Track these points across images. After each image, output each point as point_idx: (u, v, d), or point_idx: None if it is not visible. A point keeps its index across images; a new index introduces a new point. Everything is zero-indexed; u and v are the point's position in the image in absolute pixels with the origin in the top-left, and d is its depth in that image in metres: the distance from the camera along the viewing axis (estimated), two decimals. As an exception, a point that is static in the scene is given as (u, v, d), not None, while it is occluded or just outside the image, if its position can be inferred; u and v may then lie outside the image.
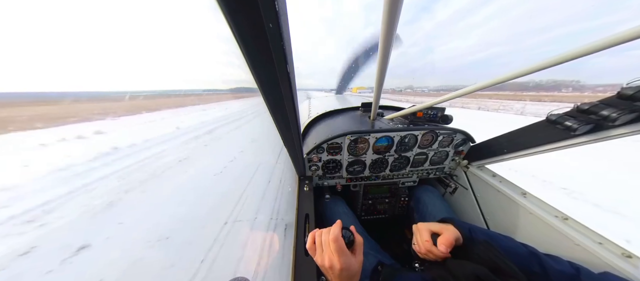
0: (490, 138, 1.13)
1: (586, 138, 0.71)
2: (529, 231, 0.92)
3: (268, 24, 0.27)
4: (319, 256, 0.55)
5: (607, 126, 0.64)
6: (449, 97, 1.01)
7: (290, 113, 0.52)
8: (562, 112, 0.75)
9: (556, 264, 0.53)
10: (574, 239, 0.74)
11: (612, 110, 0.60)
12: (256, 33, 0.28)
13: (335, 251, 0.51)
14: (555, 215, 0.84)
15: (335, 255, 0.51)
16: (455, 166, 1.40)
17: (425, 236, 0.62)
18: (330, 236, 0.53)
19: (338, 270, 0.50)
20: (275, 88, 0.41)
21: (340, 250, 0.52)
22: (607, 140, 0.67)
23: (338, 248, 0.52)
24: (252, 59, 0.33)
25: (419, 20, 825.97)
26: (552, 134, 0.80)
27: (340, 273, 0.50)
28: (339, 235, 0.54)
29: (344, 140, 1.16)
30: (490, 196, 1.14)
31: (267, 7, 0.25)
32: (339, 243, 0.52)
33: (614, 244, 0.69)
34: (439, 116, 1.34)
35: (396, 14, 0.46)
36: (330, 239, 0.53)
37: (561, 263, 0.54)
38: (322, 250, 0.54)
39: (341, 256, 0.51)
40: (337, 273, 0.51)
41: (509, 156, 1.03)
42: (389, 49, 0.59)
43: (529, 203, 0.93)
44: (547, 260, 0.53)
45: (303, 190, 1.10)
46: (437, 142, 1.25)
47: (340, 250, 0.52)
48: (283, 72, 0.36)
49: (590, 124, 0.67)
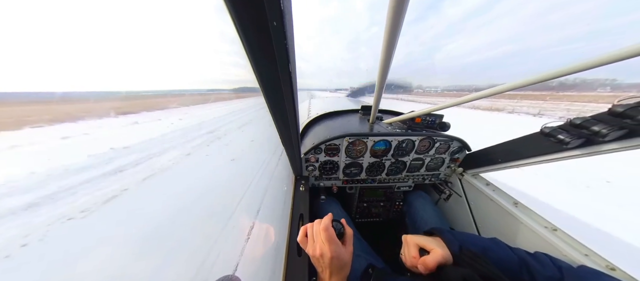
0: (486, 147, 1.15)
1: (577, 152, 0.72)
2: (518, 240, 0.94)
3: (272, 22, 0.27)
4: (310, 247, 0.56)
5: (598, 141, 0.65)
6: (449, 104, 1.02)
7: (290, 112, 0.52)
8: (555, 124, 0.77)
9: (543, 269, 0.53)
10: (562, 250, 0.75)
11: (603, 125, 0.61)
12: (260, 31, 0.28)
13: (325, 240, 0.53)
14: (545, 226, 0.86)
15: (326, 243, 0.52)
16: (450, 173, 1.41)
17: (413, 252, 0.59)
18: (321, 226, 0.55)
19: (329, 258, 0.51)
20: (276, 86, 0.41)
21: (330, 239, 0.53)
22: (597, 154, 0.69)
23: (328, 236, 0.53)
24: (255, 57, 0.33)
25: (426, 18, 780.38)
26: (545, 146, 0.82)
27: (331, 261, 0.52)
28: (329, 224, 0.56)
29: (342, 141, 1.17)
30: (483, 204, 1.15)
31: (272, 6, 0.25)
32: (329, 232, 0.54)
33: (600, 256, 0.71)
34: (437, 123, 1.35)
35: (401, 15, 0.45)
36: (321, 228, 0.54)
37: (547, 267, 0.54)
38: (314, 241, 0.56)
39: (331, 245, 0.52)
40: (328, 262, 0.52)
41: (503, 165, 1.04)
42: (392, 52, 0.59)
43: (519, 212, 0.94)
44: (535, 266, 0.54)
45: (299, 189, 1.10)
46: (434, 148, 1.27)
47: (330, 238, 0.53)
48: (285, 71, 0.36)
49: (582, 138, 0.69)
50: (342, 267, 0.54)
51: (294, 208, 0.95)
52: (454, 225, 1.35)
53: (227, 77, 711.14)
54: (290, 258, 0.69)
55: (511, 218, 0.96)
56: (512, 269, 0.54)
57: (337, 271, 0.54)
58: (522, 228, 0.91)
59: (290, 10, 0.30)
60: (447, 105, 1.05)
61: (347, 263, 0.56)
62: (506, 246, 0.60)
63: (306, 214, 0.91)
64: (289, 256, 0.70)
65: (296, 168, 1.19)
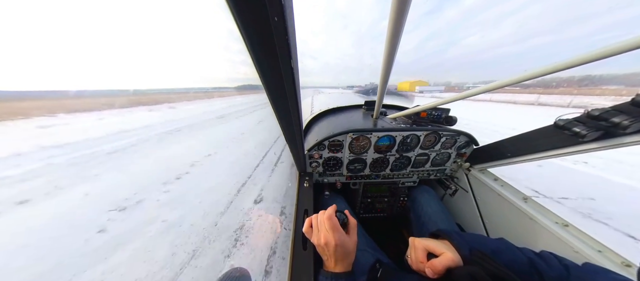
0: (495, 142, 1.12)
1: (595, 145, 0.69)
2: (528, 236, 0.92)
3: (273, 17, 0.26)
4: (314, 237, 0.59)
5: (618, 133, 0.62)
6: (456, 97, 1.00)
7: (293, 109, 0.52)
8: (571, 116, 0.73)
9: (550, 269, 0.52)
10: (573, 246, 0.73)
11: (624, 117, 0.58)
12: (261, 26, 0.28)
13: (329, 229, 0.55)
14: (556, 221, 0.84)
15: (330, 231, 0.55)
16: (456, 168, 1.39)
17: (420, 256, 0.57)
18: (325, 215, 0.57)
19: (333, 246, 0.54)
20: (279, 83, 0.40)
21: (334, 227, 0.55)
22: (617, 147, 0.65)
23: (332, 225, 0.55)
24: (256, 53, 0.33)
25: (440, 9, 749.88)
26: (560, 140, 0.78)
27: (336, 249, 0.54)
28: (332, 214, 0.58)
29: (346, 137, 1.16)
30: (490, 200, 1.13)
31: (273, 1, 0.25)
32: (333, 221, 0.56)
33: (614, 253, 0.68)
34: (443, 117, 1.32)
35: (405, 8, 0.44)
36: (325, 218, 0.56)
37: (554, 266, 0.53)
38: (318, 230, 0.58)
39: (335, 233, 0.55)
40: (333, 250, 0.54)
41: (513, 160, 1.01)
42: (396, 45, 0.57)
43: (530, 208, 0.92)
44: (542, 266, 0.53)
45: (303, 186, 1.10)
46: (440, 143, 1.24)
47: (334, 226, 0.55)
48: (287, 67, 0.36)
49: (600, 131, 0.65)
50: (347, 255, 0.57)
51: (299, 204, 0.96)
52: (460, 221, 1.34)
53: (237, 75, 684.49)
54: (296, 252, 0.70)
55: (521, 214, 0.94)
56: (522, 270, 0.52)
57: (342, 258, 0.56)
58: (533, 224, 0.89)
59: (291, 5, 0.29)
60: (454, 98, 1.02)
61: (351, 251, 0.58)
62: (514, 247, 0.58)
63: (311, 210, 0.92)
64: (295, 250, 0.71)
65: (300, 165, 1.19)
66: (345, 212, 0.63)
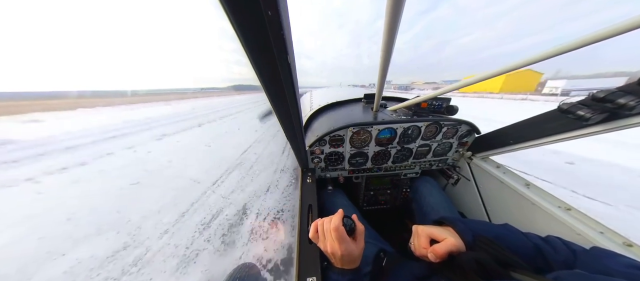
0: (496, 129, 1.11)
1: (599, 128, 0.68)
2: (531, 221, 0.92)
3: (267, 11, 0.25)
4: (321, 243, 0.60)
5: (623, 114, 0.61)
6: (456, 86, 0.98)
7: (292, 105, 0.51)
8: (575, 100, 0.72)
9: (556, 253, 0.53)
10: (576, 229, 0.74)
11: (630, 97, 0.56)
12: (254, 21, 0.27)
13: (336, 239, 0.55)
14: (559, 205, 0.84)
15: (336, 242, 0.55)
16: (458, 157, 1.38)
17: (423, 243, 0.58)
18: (332, 225, 0.56)
19: (339, 255, 0.55)
20: (276, 80, 0.39)
21: (341, 238, 0.55)
22: (622, 129, 0.64)
23: (338, 236, 0.55)
24: (251, 50, 0.32)
25: (435, 8, 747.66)
26: (563, 124, 0.77)
27: (342, 257, 0.56)
28: (339, 224, 0.57)
29: (346, 132, 1.15)
30: (492, 187, 1.13)
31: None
32: (339, 232, 0.56)
33: (616, 233, 0.69)
34: (444, 107, 1.30)
35: (401, 3, 0.43)
36: (332, 228, 0.56)
37: (560, 251, 0.53)
38: (325, 238, 0.58)
39: (342, 244, 0.55)
40: (339, 258, 0.56)
41: (516, 147, 1.01)
42: (394, 39, 0.56)
43: (532, 194, 0.92)
44: (548, 250, 0.53)
45: (306, 181, 1.11)
46: (441, 133, 1.23)
47: (341, 237, 0.55)
48: (283, 63, 0.35)
49: (605, 113, 0.64)
50: (353, 260, 0.58)
51: (303, 200, 0.97)
52: (462, 209, 1.35)
53: (232, 75, 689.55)
54: (302, 245, 0.71)
55: (523, 199, 0.95)
56: (527, 254, 0.53)
57: (348, 263, 0.57)
58: (535, 209, 0.89)
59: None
60: (454, 87, 1.00)
61: (357, 256, 0.58)
62: (519, 232, 0.58)
63: (314, 205, 0.93)
64: (301, 243, 0.73)
65: (302, 161, 1.19)
66: (353, 217, 0.62)
